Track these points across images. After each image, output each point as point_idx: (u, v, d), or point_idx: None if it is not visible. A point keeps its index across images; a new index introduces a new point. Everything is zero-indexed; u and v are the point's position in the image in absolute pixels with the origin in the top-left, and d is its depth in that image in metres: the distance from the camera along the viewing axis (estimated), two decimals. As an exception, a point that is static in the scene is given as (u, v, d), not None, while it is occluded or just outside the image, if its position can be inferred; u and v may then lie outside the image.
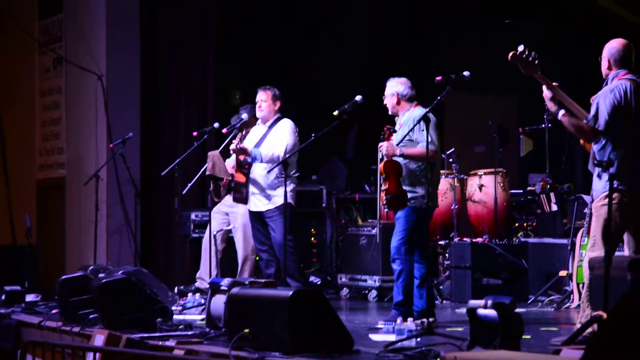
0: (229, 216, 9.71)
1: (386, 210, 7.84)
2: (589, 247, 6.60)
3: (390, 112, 8.03)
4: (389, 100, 7.98)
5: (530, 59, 6.44)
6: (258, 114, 9.25)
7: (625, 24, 11.21)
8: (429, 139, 7.45)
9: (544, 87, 6.54)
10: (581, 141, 6.84)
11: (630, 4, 11.52)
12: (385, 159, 7.72)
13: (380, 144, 7.76)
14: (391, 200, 7.68)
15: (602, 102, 6.43)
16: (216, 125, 9.58)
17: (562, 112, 6.50)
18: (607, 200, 6.31)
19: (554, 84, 6.54)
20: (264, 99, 9.22)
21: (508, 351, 5.37)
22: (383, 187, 7.77)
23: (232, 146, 9.18)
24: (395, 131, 7.82)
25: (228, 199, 9.47)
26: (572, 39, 12.13)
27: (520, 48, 6.45)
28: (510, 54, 6.46)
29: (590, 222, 8.44)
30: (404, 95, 7.94)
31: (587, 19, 11.95)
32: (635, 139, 6.51)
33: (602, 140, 6.48)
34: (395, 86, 7.96)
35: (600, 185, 6.49)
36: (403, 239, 7.74)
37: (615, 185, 6.34)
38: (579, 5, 12.15)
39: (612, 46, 6.61)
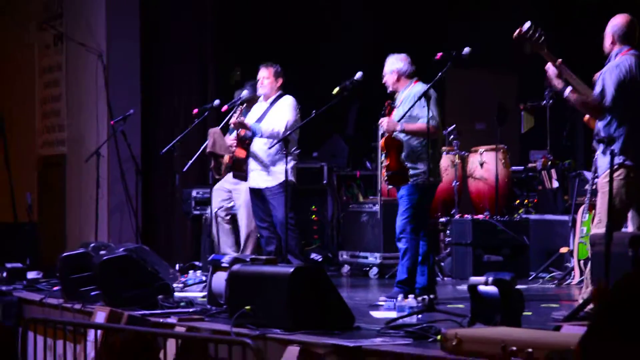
0: (231, 193, 9.70)
1: (388, 186, 7.85)
2: (594, 224, 6.60)
3: (390, 90, 8.00)
4: (389, 78, 7.95)
5: (537, 35, 6.39)
6: (260, 91, 9.22)
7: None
8: (430, 115, 7.43)
9: (549, 65, 6.51)
10: (585, 117, 6.82)
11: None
12: (386, 134, 7.71)
13: (380, 120, 7.74)
14: (392, 176, 7.68)
15: (609, 77, 6.41)
16: (217, 102, 9.56)
17: (568, 89, 6.47)
18: (612, 175, 6.31)
19: (558, 60, 6.51)
20: (265, 76, 9.18)
21: (509, 327, 5.37)
22: (384, 163, 7.76)
23: (232, 119, 9.15)
24: (395, 107, 7.80)
25: (230, 175, 9.45)
26: (575, 10, 12.03)
27: (527, 25, 6.40)
28: (516, 32, 6.42)
29: (591, 198, 8.47)
30: (404, 72, 7.91)
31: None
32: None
33: (607, 116, 6.46)
34: (395, 63, 7.93)
35: (605, 161, 6.46)
36: (408, 217, 7.72)
37: (621, 161, 6.34)
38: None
39: (616, 22, 6.58)
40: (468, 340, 4.96)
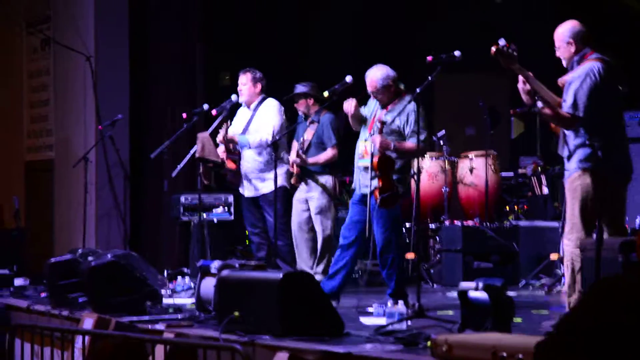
0: (308, 203, 9.20)
1: (380, 208, 7.65)
2: (565, 231, 6.52)
3: (383, 101, 7.84)
4: (385, 89, 7.80)
5: (510, 51, 6.38)
6: (240, 99, 9.15)
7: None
8: (420, 131, 7.35)
9: (520, 80, 6.48)
10: (552, 125, 6.78)
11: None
12: (378, 153, 7.60)
13: (373, 137, 7.65)
14: (387, 198, 7.57)
15: (580, 88, 6.34)
16: (205, 106, 9.50)
17: (539, 104, 6.44)
18: (579, 180, 6.31)
19: (529, 73, 6.47)
20: (243, 82, 9.12)
21: (499, 333, 5.34)
22: (375, 184, 7.66)
23: (219, 137, 9.10)
24: (384, 123, 7.68)
25: (304, 184, 9.10)
26: (563, 13, 12.02)
27: (502, 42, 6.39)
28: (493, 48, 6.39)
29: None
30: (394, 82, 7.81)
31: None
32: (608, 119, 6.47)
33: (579, 124, 6.44)
34: (388, 72, 7.77)
35: (571, 165, 6.45)
36: (390, 229, 7.69)
37: (588, 166, 6.32)
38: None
39: (573, 26, 6.48)
40: (458, 346, 4.93)
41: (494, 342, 4.81)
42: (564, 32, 6.50)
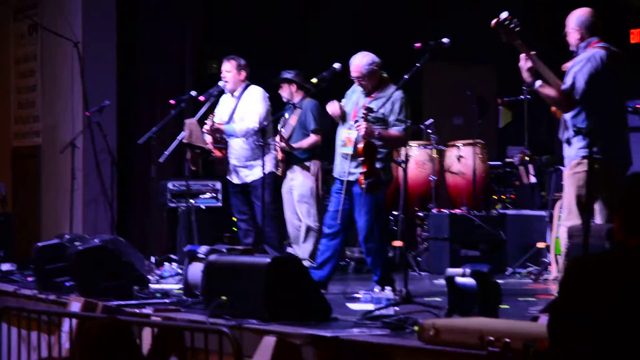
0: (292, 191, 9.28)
1: (365, 193, 7.66)
2: (563, 217, 6.59)
3: (367, 88, 7.83)
4: (371, 77, 7.79)
5: (512, 25, 6.41)
6: (226, 87, 9.15)
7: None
8: (403, 120, 7.41)
9: (522, 57, 6.52)
10: (552, 108, 6.83)
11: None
12: (362, 140, 7.60)
13: (357, 123, 7.64)
14: (372, 183, 7.58)
15: (579, 71, 6.42)
16: (193, 93, 9.50)
17: (538, 82, 6.49)
18: (579, 167, 6.34)
19: (532, 52, 6.52)
20: (227, 69, 9.14)
21: (486, 318, 5.36)
22: (359, 169, 7.67)
23: (206, 127, 9.09)
24: (372, 110, 7.67)
25: (288, 174, 9.19)
26: (553, 5, 12.05)
27: (504, 15, 6.41)
28: (493, 20, 6.42)
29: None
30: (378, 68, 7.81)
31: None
32: (609, 106, 6.51)
33: (576, 108, 6.47)
34: (373, 59, 7.76)
35: (571, 152, 6.50)
36: (373, 216, 7.69)
37: (587, 154, 6.33)
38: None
39: (580, 14, 6.61)
40: (445, 330, 4.94)
41: (481, 327, 4.82)
42: (572, 19, 6.63)
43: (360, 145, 7.58)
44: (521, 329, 4.79)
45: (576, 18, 6.61)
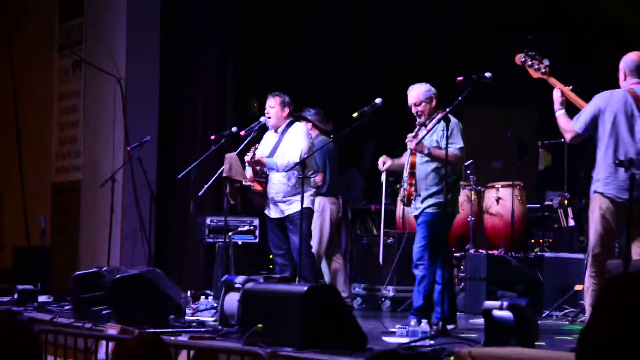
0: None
1: (407, 207, 7.79)
2: (590, 249, 6.67)
3: (422, 119, 7.88)
4: (425, 105, 7.85)
5: (536, 62, 6.60)
6: (268, 123, 9.19)
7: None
8: (455, 143, 7.45)
9: (555, 90, 6.71)
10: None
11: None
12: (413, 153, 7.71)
13: (408, 136, 7.69)
14: (409, 197, 7.69)
15: (588, 105, 6.60)
16: (234, 129, 9.54)
17: (560, 111, 6.66)
18: (591, 204, 6.63)
19: (567, 87, 6.68)
20: (271, 106, 9.15)
21: (523, 348, 5.31)
22: (409, 181, 7.71)
23: (247, 158, 9.13)
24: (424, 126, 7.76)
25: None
26: (592, 51, 12.08)
27: (518, 58, 6.66)
28: (516, 57, 6.63)
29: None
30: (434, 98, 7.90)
31: (606, 31, 11.93)
32: (614, 145, 6.59)
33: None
34: (428, 89, 7.86)
35: (591, 189, 6.69)
36: (425, 245, 7.68)
37: (597, 190, 6.45)
38: (598, 18, 12.14)
39: (628, 58, 6.81)
40: (482, 359, 4.89)
41: (518, 356, 4.78)
42: (621, 61, 6.81)
43: (413, 158, 7.68)
44: (558, 358, 4.74)
45: (623, 60, 6.80)
